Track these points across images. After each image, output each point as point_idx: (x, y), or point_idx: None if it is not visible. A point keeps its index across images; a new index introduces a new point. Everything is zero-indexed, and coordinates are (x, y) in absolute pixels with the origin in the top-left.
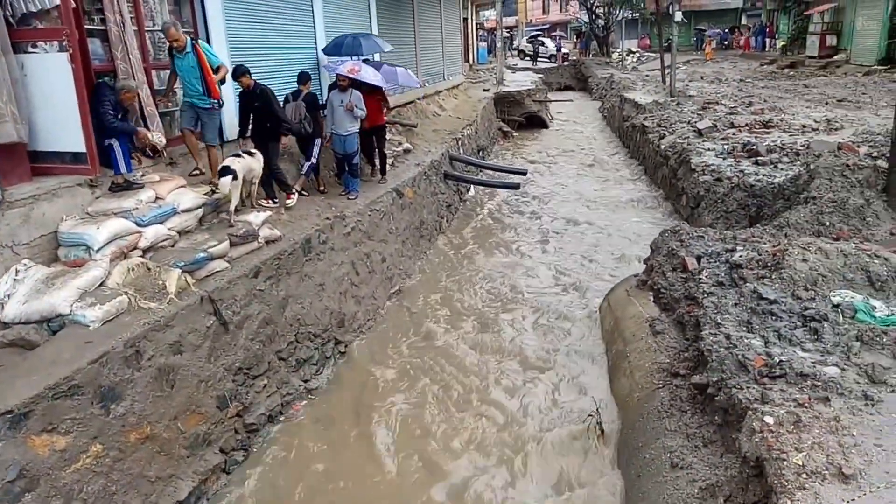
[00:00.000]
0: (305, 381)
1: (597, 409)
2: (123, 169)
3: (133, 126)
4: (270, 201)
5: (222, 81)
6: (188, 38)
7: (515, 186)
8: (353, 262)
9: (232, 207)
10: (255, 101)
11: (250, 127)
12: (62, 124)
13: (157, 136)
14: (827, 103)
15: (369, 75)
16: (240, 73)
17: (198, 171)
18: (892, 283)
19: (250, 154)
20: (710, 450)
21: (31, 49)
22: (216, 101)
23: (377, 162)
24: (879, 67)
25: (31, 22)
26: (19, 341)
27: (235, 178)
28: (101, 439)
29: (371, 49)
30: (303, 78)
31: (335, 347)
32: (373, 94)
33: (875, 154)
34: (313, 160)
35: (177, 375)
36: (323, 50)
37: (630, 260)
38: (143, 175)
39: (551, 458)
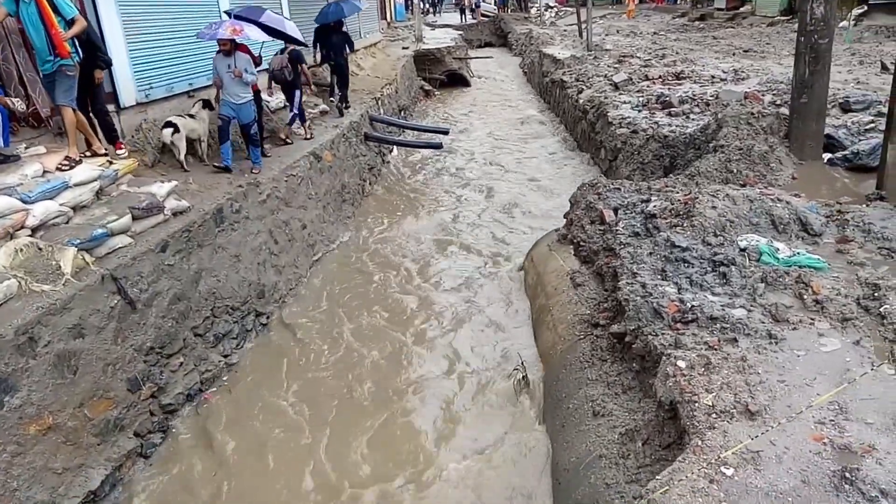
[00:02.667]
0: (226, 357)
1: (521, 363)
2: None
3: None
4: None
5: (87, 43)
6: None
7: (438, 146)
8: (271, 230)
9: (181, 156)
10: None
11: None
12: None
13: (17, 103)
14: (734, 54)
15: (255, 35)
16: None
17: (89, 153)
18: (793, 225)
19: (191, 116)
20: (629, 396)
21: None
22: (66, 61)
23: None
24: (782, 18)
25: None
26: None
27: (177, 131)
28: None
29: (351, 10)
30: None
31: (256, 319)
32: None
33: (778, 102)
34: (296, 110)
35: (79, 360)
36: (315, 20)
37: (552, 215)
38: (27, 147)
39: (479, 414)
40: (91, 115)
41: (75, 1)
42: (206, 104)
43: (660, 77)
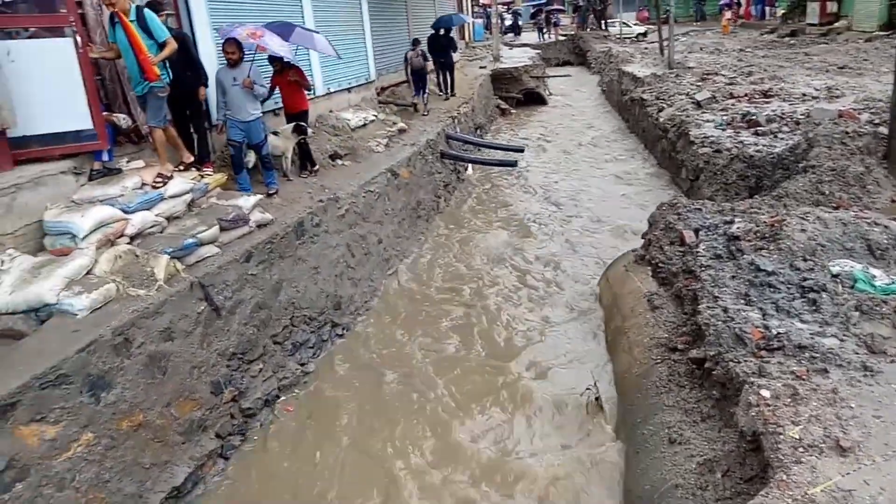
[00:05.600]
0: (302, 365)
1: (594, 384)
2: (105, 156)
3: None
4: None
5: (189, 62)
6: (133, 4)
7: (513, 164)
8: (349, 244)
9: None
10: None
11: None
12: (63, 105)
13: (122, 119)
14: (828, 71)
15: (275, 44)
16: (154, 7)
17: (182, 167)
18: (892, 251)
19: (276, 134)
20: (708, 424)
21: (21, 35)
22: (156, 84)
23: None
24: (881, 33)
25: (18, 8)
26: (7, 332)
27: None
28: (92, 428)
29: (458, 21)
30: (414, 43)
31: (332, 330)
32: (285, 71)
33: (876, 121)
34: (427, 91)
35: (168, 362)
36: (431, 26)
37: (629, 235)
38: (128, 161)
39: (550, 429)
40: (192, 131)
41: (174, 20)
42: (298, 128)
43: (746, 95)
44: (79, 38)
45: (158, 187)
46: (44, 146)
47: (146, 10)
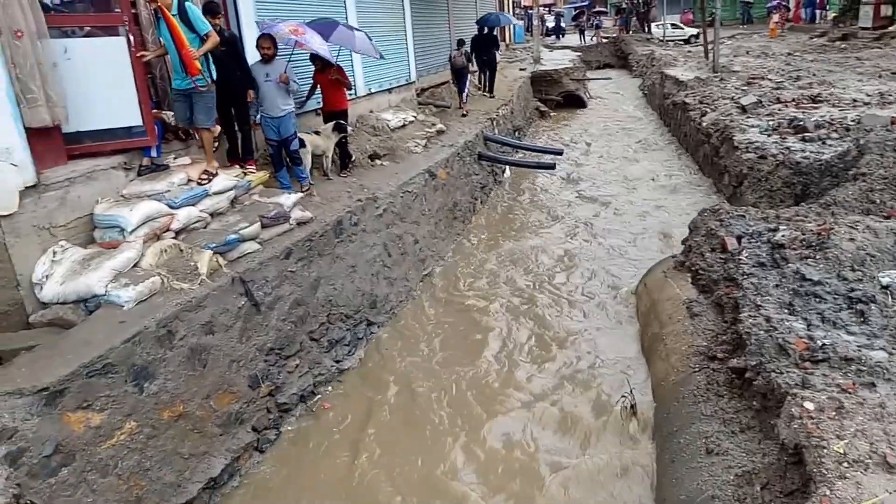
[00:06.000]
0: (338, 362)
1: (630, 391)
2: (154, 152)
3: None
4: (237, 166)
5: (237, 59)
6: None
7: (551, 167)
8: (385, 243)
9: (307, 170)
10: (222, 45)
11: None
12: (115, 102)
13: (171, 116)
14: (880, 76)
15: (316, 42)
16: (211, 11)
17: (229, 163)
18: None
19: (317, 133)
20: (748, 436)
21: (77, 33)
22: (198, 79)
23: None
24: None
25: (75, 6)
26: (57, 321)
27: (303, 146)
28: (136, 417)
29: (505, 21)
30: (459, 44)
31: (367, 328)
32: (326, 70)
33: None
34: (467, 90)
35: (209, 355)
36: (476, 22)
37: (668, 240)
38: (175, 158)
39: (583, 436)
40: (236, 129)
41: (222, 20)
42: (338, 126)
43: (793, 100)
44: (131, 37)
45: (203, 184)
46: (96, 142)
47: (187, 4)
